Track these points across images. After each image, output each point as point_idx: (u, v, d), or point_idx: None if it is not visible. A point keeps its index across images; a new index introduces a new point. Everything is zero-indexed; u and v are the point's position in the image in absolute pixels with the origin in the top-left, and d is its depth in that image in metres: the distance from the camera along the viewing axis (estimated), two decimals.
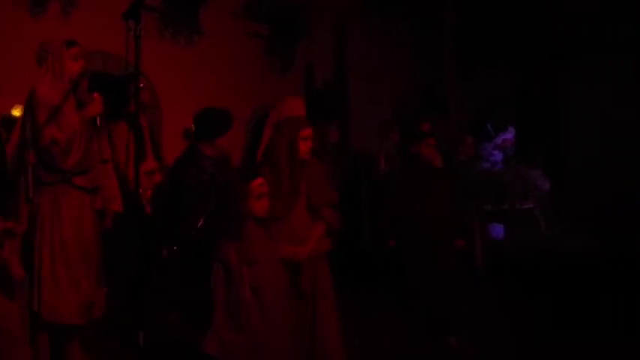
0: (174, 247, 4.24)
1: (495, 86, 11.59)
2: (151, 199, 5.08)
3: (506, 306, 6.23)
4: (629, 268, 7.38)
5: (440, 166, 5.95)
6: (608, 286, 6.70)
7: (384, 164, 7.52)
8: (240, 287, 3.68)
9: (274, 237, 3.92)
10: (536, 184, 9.78)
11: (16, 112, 5.14)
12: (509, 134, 10.20)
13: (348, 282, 4.32)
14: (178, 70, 7.20)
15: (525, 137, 11.10)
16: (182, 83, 7.15)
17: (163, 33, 7.15)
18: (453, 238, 5.37)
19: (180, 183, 4.40)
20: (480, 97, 11.26)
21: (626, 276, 7.01)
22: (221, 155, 4.55)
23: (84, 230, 4.01)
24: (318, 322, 4.03)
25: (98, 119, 4.05)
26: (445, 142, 8.01)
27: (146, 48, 4.14)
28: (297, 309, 3.99)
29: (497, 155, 9.79)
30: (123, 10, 3.88)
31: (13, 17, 6.02)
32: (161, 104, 6.83)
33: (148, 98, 5.35)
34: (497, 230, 9.27)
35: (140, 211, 4.72)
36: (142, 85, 4.72)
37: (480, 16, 10.75)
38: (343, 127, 8.92)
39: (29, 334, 3.82)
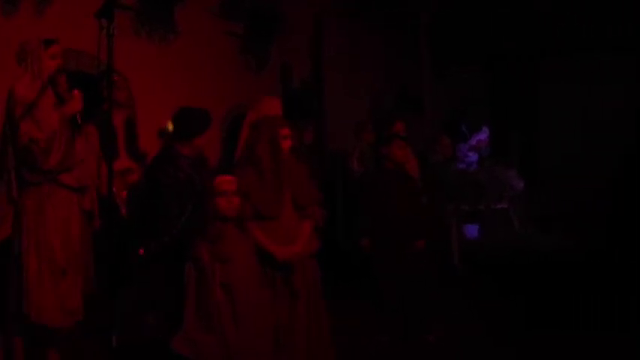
0: (152, 245, 4.21)
1: (470, 85, 11.68)
2: (127, 198, 5.04)
3: (483, 304, 6.28)
4: (601, 264, 7.49)
5: (414, 166, 5.99)
6: (582, 282, 6.79)
7: (357, 165, 7.52)
8: (211, 286, 3.67)
9: (268, 237, 3.92)
10: (511, 185, 9.87)
11: None
12: (484, 134, 10.28)
13: (327, 281, 4.32)
14: (153, 69, 7.15)
15: (500, 136, 11.20)
16: (157, 82, 7.10)
17: (139, 32, 7.09)
18: (417, 241, 5.42)
19: (157, 182, 4.38)
20: (454, 96, 11.33)
21: (599, 272, 7.12)
22: (198, 155, 4.55)
23: (71, 230, 3.98)
24: (312, 322, 4.04)
25: (79, 117, 4.02)
26: (420, 142, 8.05)
27: (121, 47, 4.11)
28: (288, 309, 3.98)
29: (473, 156, 9.86)
30: (97, 8, 3.85)
31: None
32: (136, 103, 6.77)
33: (124, 97, 5.30)
34: (472, 230, 9.34)
35: (114, 212, 4.68)
36: (116, 78, 4.68)
37: (454, 15, 10.82)
38: (320, 127, 8.92)
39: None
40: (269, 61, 8.56)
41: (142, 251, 4.22)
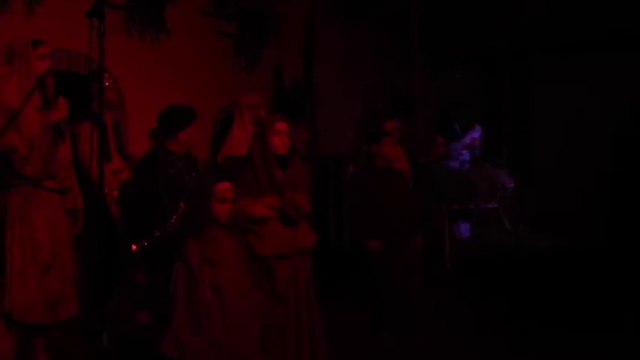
0: (145, 242, 4.21)
1: (462, 85, 11.69)
2: (117, 197, 5.04)
3: (474, 303, 6.30)
4: (593, 263, 7.54)
5: (405, 165, 5.99)
6: (574, 281, 6.83)
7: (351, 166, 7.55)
8: (200, 288, 3.67)
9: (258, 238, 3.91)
10: (502, 184, 9.88)
11: None
12: (477, 133, 10.27)
13: (318, 282, 4.32)
14: (145, 68, 7.14)
15: (492, 135, 11.22)
16: (148, 82, 7.10)
17: (130, 31, 7.08)
18: (412, 238, 5.42)
19: (147, 179, 4.41)
20: (446, 96, 11.34)
21: (592, 271, 7.16)
22: (187, 153, 4.60)
23: (55, 231, 3.97)
24: (303, 322, 4.02)
25: (62, 124, 4.00)
26: (413, 142, 8.06)
27: (113, 46, 4.11)
28: (276, 310, 3.97)
29: (466, 155, 9.86)
30: (88, 7, 3.85)
31: None
32: (127, 103, 6.77)
33: (113, 97, 5.30)
34: (463, 229, 9.35)
35: (106, 212, 4.68)
36: (107, 83, 4.69)
37: (446, 14, 10.83)
38: (312, 127, 8.92)
39: None
40: (261, 61, 8.56)
41: (134, 247, 4.23)
